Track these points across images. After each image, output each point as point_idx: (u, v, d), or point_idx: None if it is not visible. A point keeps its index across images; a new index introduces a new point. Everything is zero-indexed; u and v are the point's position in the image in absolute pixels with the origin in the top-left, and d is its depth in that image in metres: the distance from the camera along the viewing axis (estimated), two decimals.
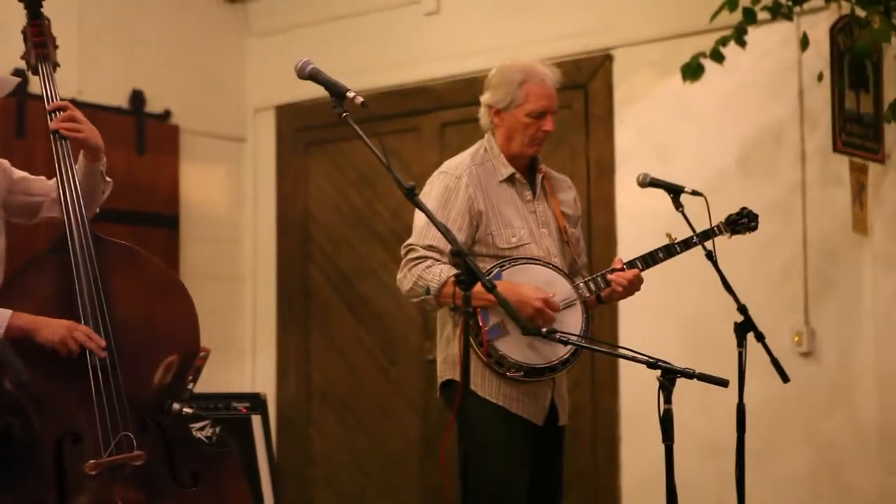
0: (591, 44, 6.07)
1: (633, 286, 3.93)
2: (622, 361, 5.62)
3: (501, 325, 3.78)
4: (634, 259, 3.97)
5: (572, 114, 6.09)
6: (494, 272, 3.81)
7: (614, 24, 6.00)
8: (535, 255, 3.90)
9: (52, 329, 3.37)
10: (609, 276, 3.91)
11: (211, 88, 6.99)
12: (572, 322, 3.85)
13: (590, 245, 5.90)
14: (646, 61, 5.91)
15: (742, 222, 4.07)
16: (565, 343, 3.58)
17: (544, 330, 3.44)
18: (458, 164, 4.01)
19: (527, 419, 3.90)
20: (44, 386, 3.34)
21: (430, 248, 3.85)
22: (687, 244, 3.99)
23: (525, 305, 3.69)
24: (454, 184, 3.93)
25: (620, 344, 5.48)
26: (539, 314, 3.72)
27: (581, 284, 3.91)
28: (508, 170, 3.99)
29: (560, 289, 3.85)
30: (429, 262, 3.83)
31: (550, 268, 3.89)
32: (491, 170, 3.99)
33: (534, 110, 3.96)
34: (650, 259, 3.98)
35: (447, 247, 3.71)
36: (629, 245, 5.82)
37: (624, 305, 5.77)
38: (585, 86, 6.06)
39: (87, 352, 3.38)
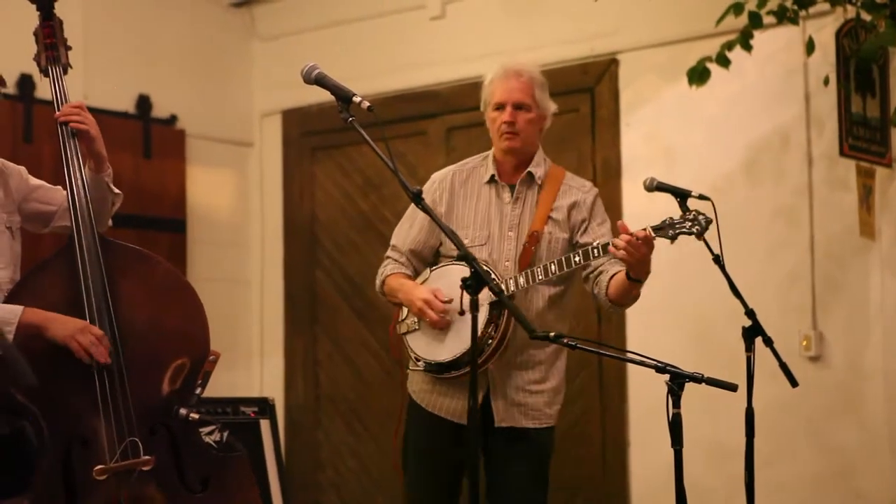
0: (598, 47, 6.07)
1: (638, 249, 3.68)
2: (630, 366, 5.61)
3: (416, 321, 3.98)
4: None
5: (579, 117, 6.09)
6: (426, 274, 4.03)
7: (621, 29, 6.00)
8: (479, 258, 3.84)
9: (62, 326, 3.37)
10: (613, 241, 3.74)
11: (217, 93, 6.98)
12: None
13: None
14: (652, 65, 5.91)
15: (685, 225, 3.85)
16: (573, 347, 3.55)
17: (552, 334, 3.40)
18: (444, 170, 4.14)
19: (445, 418, 3.95)
20: (52, 390, 3.34)
21: (392, 247, 4.11)
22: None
23: (411, 304, 3.94)
24: (427, 187, 4.08)
25: (628, 348, 5.47)
26: (421, 313, 3.89)
27: (501, 285, 3.84)
28: (490, 172, 4.06)
29: None
30: (387, 261, 4.12)
31: (472, 269, 3.86)
32: (481, 173, 4.06)
33: (496, 103, 4.03)
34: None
35: (403, 245, 4.09)
36: None
37: (632, 310, 5.74)
38: (592, 89, 6.06)
39: (91, 356, 3.38)
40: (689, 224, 3.73)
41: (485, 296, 3.76)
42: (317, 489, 6.89)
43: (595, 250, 3.80)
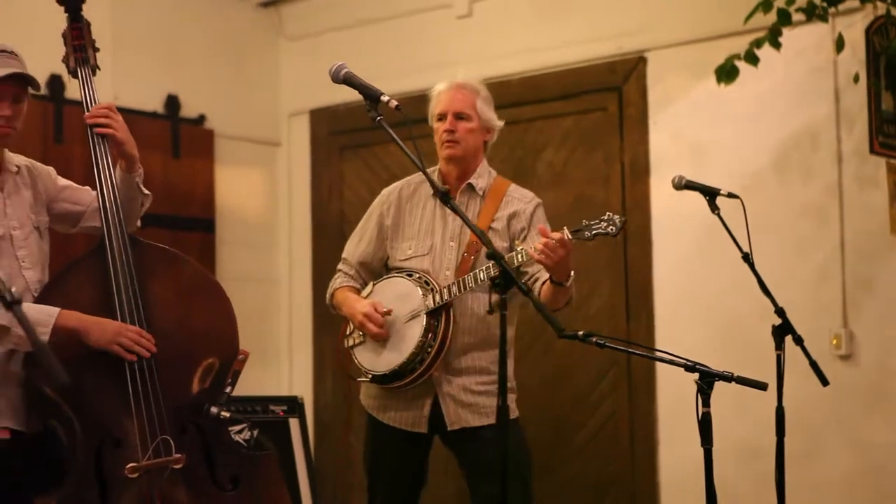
0: (625, 46, 6.05)
1: (555, 251, 3.71)
2: (659, 364, 5.60)
3: (361, 334, 4.09)
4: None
5: (606, 116, 6.07)
6: (369, 287, 4.15)
7: (648, 26, 5.98)
8: (419, 268, 4.06)
9: (102, 330, 3.39)
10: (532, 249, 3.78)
11: (245, 93, 7.00)
12: (411, 333, 3.98)
13: (625, 247, 5.90)
14: (680, 63, 5.88)
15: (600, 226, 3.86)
16: (601, 346, 3.55)
17: (580, 333, 3.41)
18: (393, 185, 4.28)
19: (398, 428, 4.07)
20: (84, 389, 3.35)
21: (343, 260, 4.26)
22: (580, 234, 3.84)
23: (353, 318, 4.07)
24: (376, 202, 4.27)
25: (657, 347, 5.46)
26: (361, 326, 4.02)
27: (435, 295, 3.98)
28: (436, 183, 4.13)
29: (412, 301, 4.00)
30: (337, 273, 4.26)
31: (413, 281, 4.04)
32: (427, 186, 4.14)
33: (438, 113, 4.16)
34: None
35: (352, 258, 4.24)
36: (665, 247, 5.82)
37: (661, 308, 5.77)
38: (620, 88, 6.04)
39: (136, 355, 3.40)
40: (605, 224, 3.80)
41: (421, 305, 3.97)
42: (346, 488, 6.89)
43: (518, 255, 3.87)
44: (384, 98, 3.33)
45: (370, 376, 4.06)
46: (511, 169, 6.27)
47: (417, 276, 4.04)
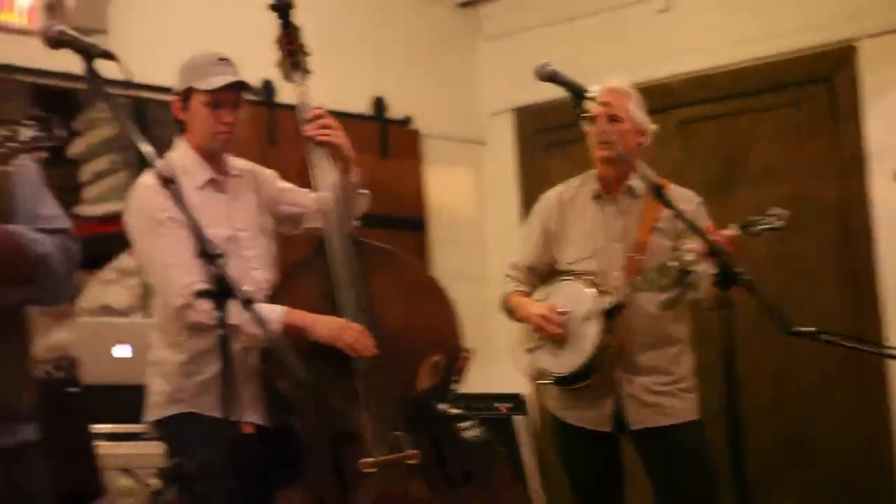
0: (832, 35, 5.89)
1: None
2: (892, 363, 5.43)
3: (538, 337, 4.11)
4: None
5: (817, 108, 5.92)
6: (542, 291, 4.18)
7: (856, 14, 5.80)
8: (588, 270, 4.07)
9: (324, 326, 3.49)
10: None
11: (447, 93, 7.05)
12: (589, 333, 3.98)
13: (845, 245, 5.75)
14: (892, 52, 5.70)
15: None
16: (832, 343, 3.48)
17: (810, 330, 3.36)
18: (552, 191, 4.34)
19: (582, 427, 4.07)
20: (318, 386, 3.44)
21: (512, 265, 4.31)
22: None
23: (529, 320, 4.10)
24: (538, 207, 4.33)
25: (888, 343, 5.28)
26: (539, 328, 4.05)
27: (609, 296, 3.97)
28: (594, 188, 4.19)
29: (585, 303, 4.01)
30: (507, 279, 4.30)
31: (584, 282, 4.05)
32: (586, 190, 4.21)
33: (591, 117, 4.02)
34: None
35: (521, 262, 4.27)
36: (888, 242, 5.63)
37: (889, 305, 5.61)
38: (829, 79, 5.89)
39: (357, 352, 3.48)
40: (772, 219, 3.76)
41: (596, 306, 3.97)
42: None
43: (686, 254, 3.84)
44: (589, 94, 3.36)
45: (553, 378, 4.09)
46: (720, 165, 6.19)
47: (587, 278, 4.07)
